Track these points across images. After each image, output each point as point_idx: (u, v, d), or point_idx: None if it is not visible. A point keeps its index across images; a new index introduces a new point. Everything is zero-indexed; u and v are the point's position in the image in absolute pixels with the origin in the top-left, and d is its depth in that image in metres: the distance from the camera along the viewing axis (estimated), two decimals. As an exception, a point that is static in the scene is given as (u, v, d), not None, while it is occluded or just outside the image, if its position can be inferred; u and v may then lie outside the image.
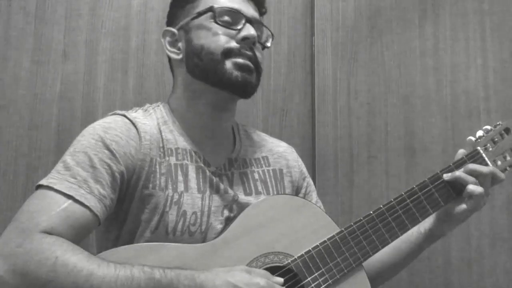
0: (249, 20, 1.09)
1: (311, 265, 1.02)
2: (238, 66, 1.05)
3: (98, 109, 1.60)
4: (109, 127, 1.02)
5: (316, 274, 1.02)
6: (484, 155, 1.16)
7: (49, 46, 1.60)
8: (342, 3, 1.79)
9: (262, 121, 1.71)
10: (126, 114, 1.06)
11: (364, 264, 1.08)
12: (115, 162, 0.98)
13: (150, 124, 1.07)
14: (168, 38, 1.14)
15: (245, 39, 1.07)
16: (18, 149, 1.54)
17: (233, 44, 1.06)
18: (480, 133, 1.20)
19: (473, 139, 1.19)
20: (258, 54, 1.10)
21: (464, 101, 1.78)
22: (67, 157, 0.97)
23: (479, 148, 1.17)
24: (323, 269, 1.03)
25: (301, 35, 1.78)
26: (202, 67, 1.06)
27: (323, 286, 1.02)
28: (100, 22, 1.65)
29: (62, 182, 0.92)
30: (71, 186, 0.92)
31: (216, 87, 1.07)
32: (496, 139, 1.19)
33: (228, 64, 1.05)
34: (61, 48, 1.61)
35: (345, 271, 1.04)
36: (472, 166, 1.13)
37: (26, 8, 1.59)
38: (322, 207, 1.24)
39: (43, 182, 0.93)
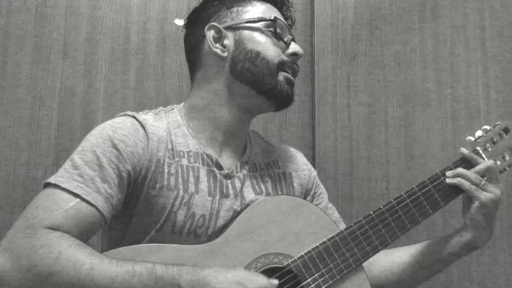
0: (293, 38, 1.16)
1: (311, 266, 1.02)
2: (288, 81, 1.11)
3: (98, 109, 1.60)
4: (118, 127, 1.02)
5: (316, 275, 1.02)
6: (483, 155, 1.17)
7: (49, 46, 1.60)
8: (342, 3, 1.79)
9: (262, 121, 1.71)
10: (136, 115, 1.07)
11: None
12: (122, 161, 0.98)
13: (159, 127, 1.07)
14: (213, 33, 1.12)
15: (293, 55, 1.13)
16: (18, 149, 1.54)
17: (284, 57, 1.11)
18: (479, 133, 1.20)
19: (472, 139, 1.19)
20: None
21: (464, 101, 1.78)
22: (75, 156, 0.97)
23: (478, 148, 1.17)
24: (323, 270, 1.03)
25: (301, 35, 1.78)
26: (254, 73, 1.09)
27: (323, 286, 1.02)
28: (100, 22, 1.65)
29: (69, 181, 0.93)
30: (79, 184, 0.93)
31: (263, 94, 1.10)
32: (495, 139, 1.19)
33: (281, 76, 1.10)
34: (61, 48, 1.61)
35: (345, 271, 1.04)
36: (477, 168, 1.13)
37: (26, 7, 1.59)
38: (334, 208, 1.26)
39: (51, 180, 0.94)
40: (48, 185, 0.94)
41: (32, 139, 1.55)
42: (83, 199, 0.92)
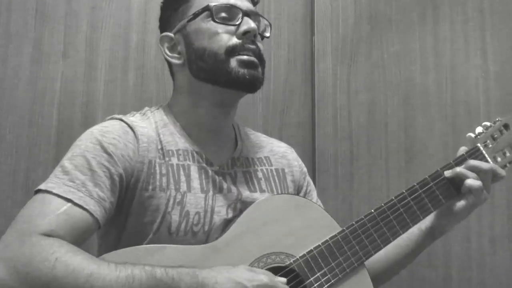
0: (246, 13, 1.07)
1: (313, 265, 1.02)
2: (243, 64, 1.04)
3: (98, 109, 1.60)
4: (107, 130, 1.01)
5: (318, 274, 1.02)
6: (484, 151, 1.16)
7: (49, 46, 1.59)
8: (342, 3, 1.79)
9: (262, 121, 1.71)
10: (123, 118, 1.06)
11: (365, 263, 1.08)
12: (113, 164, 0.97)
13: (147, 127, 1.06)
14: (166, 44, 1.12)
15: (246, 33, 1.05)
16: (18, 149, 1.53)
17: (235, 40, 1.05)
18: (479, 129, 1.19)
19: (473, 135, 1.19)
20: (260, 46, 1.09)
21: (464, 101, 1.78)
22: (65, 162, 0.96)
23: (479, 144, 1.17)
24: (325, 269, 1.03)
25: (301, 35, 1.78)
26: (207, 69, 1.05)
27: (325, 286, 1.02)
28: (100, 22, 1.64)
29: (60, 186, 0.92)
30: (70, 189, 0.92)
31: (224, 87, 1.06)
32: (496, 136, 1.19)
33: (233, 62, 1.04)
34: (61, 48, 1.60)
35: (347, 270, 1.04)
36: (473, 162, 1.13)
37: (26, 8, 1.59)
38: (321, 206, 1.24)
39: (42, 186, 0.93)
40: (39, 191, 0.93)
41: (32, 139, 1.55)
42: (75, 204, 0.91)
